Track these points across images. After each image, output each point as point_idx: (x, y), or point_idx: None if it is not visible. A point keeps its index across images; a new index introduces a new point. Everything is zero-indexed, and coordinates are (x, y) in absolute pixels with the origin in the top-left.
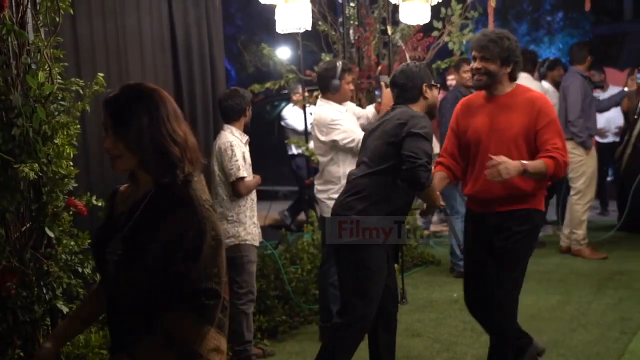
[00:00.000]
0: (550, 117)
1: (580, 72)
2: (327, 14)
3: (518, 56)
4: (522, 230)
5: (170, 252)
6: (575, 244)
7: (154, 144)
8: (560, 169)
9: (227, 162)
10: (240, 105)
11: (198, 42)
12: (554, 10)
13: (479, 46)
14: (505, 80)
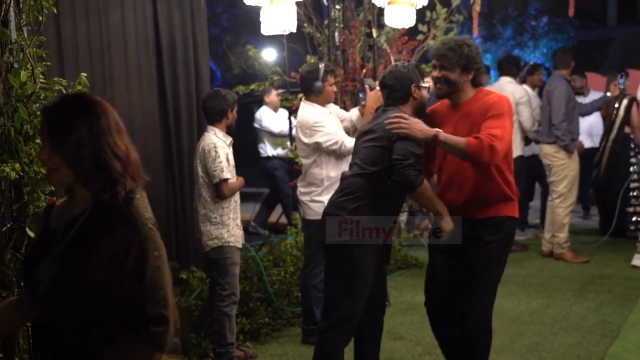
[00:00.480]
0: (499, 111)
1: (565, 77)
2: (312, 16)
3: (479, 63)
4: (494, 239)
5: (110, 275)
6: (557, 247)
7: (93, 157)
8: (483, 152)
9: (210, 164)
10: (220, 106)
11: (182, 42)
12: (539, 15)
13: (438, 55)
14: (467, 87)
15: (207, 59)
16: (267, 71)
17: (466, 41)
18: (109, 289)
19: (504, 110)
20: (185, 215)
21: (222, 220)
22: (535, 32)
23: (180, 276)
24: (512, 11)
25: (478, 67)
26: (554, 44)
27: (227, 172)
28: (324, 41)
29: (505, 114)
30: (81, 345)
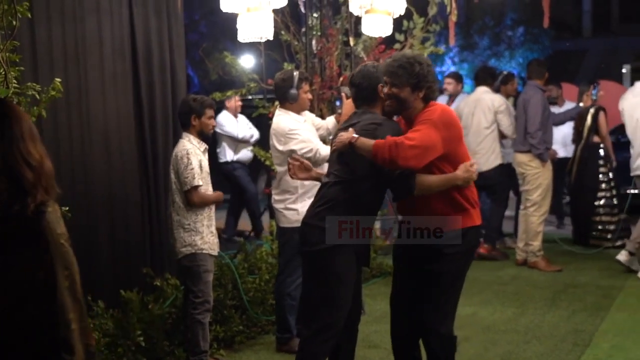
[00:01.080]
0: (426, 118)
1: (540, 87)
2: (290, 24)
3: (430, 81)
4: (453, 252)
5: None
6: (531, 255)
7: (4, 166)
8: (384, 150)
9: (182, 170)
10: (187, 113)
11: (159, 48)
12: (515, 25)
13: (388, 72)
14: (418, 104)
15: (184, 65)
16: (244, 78)
17: (418, 59)
18: (15, 311)
19: (431, 117)
20: (160, 221)
21: (196, 227)
22: (512, 42)
23: (154, 283)
24: (489, 21)
25: (429, 85)
26: (530, 54)
27: (198, 180)
28: (301, 49)
29: (431, 121)
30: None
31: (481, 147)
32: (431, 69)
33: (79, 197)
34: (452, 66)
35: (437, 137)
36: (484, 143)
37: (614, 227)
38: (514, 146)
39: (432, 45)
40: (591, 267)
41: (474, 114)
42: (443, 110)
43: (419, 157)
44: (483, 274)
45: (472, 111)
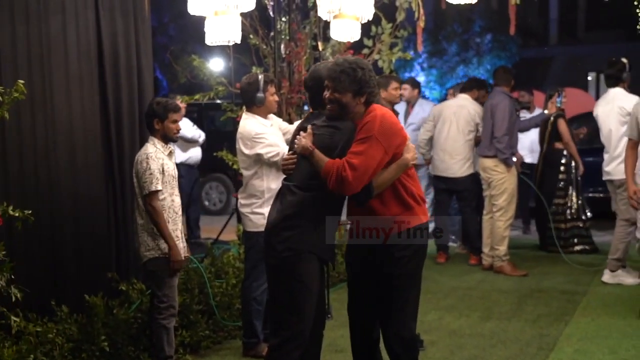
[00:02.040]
0: (366, 134)
1: (507, 93)
2: (258, 28)
3: (372, 86)
4: (405, 254)
5: None
6: (497, 260)
7: None
8: (330, 180)
9: (141, 175)
10: (150, 116)
11: (125, 51)
12: (483, 32)
13: (330, 77)
14: (360, 109)
15: (151, 67)
16: (212, 81)
17: (360, 64)
18: None
19: (371, 133)
20: (126, 225)
21: None
22: (480, 49)
23: (119, 288)
24: (457, 28)
25: (371, 90)
26: (497, 61)
27: (156, 185)
28: (269, 53)
29: (372, 136)
30: None
31: (458, 153)
32: (372, 74)
33: (43, 200)
34: (421, 72)
35: (379, 152)
36: (461, 149)
37: (568, 235)
38: (479, 151)
39: (400, 51)
40: (556, 272)
41: (456, 120)
42: (382, 119)
43: (364, 180)
44: (449, 279)
45: (453, 117)
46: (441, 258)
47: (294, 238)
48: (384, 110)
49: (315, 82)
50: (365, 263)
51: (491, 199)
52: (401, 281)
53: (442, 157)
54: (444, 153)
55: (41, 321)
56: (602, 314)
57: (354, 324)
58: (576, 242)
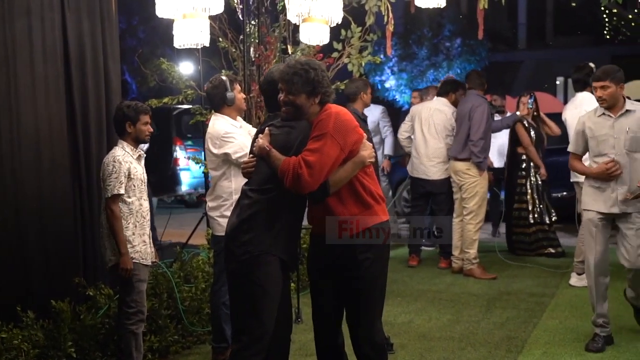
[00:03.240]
0: (321, 131)
1: (483, 97)
2: (227, 31)
3: (325, 86)
4: (368, 256)
5: None
6: (467, 263)
7: None
8: (287, 178)
9: (106, 177)
10: (121, 120)
11: (92, 53)
12: (453, 36)
13: (283, 79)
14: (314, 109)
15: (119, 70)
16: (181, 85)
17: (313, 65)
18: None
19: (326, 130)
20: (93, 230)
21: (126, 235)
22: (450, 53)
23: (87, 293)
24: (427, 32)
25: (325, 90)
26: (467, 65)
27: (119, 189)
28: (239, 56)
29: (327, 133)
30: None
31: (436, 156)
32: (325, 74)
33: (8, 204)
34: (392, 75)
35: (335, 149)
36: (438, 152)
37: (533, 238)
38: (451, 153)
39: (370, 55)
40: (524, 275)
41: (434, 124)
42: (337, 117)
43: (320, 178)
44: (419, 282)
45: (430, 120)
46: (413, 261)
47: (252, 241)
48: (338, 108)
49: (269, 86)
50: (327, 267)
51: (462, 202)
52: (366, 284)
53: (421, 159)
54: (421, 156)
55: (6, 327)
56: (570, 316)
57: (319, 329)
58: (543, 245)
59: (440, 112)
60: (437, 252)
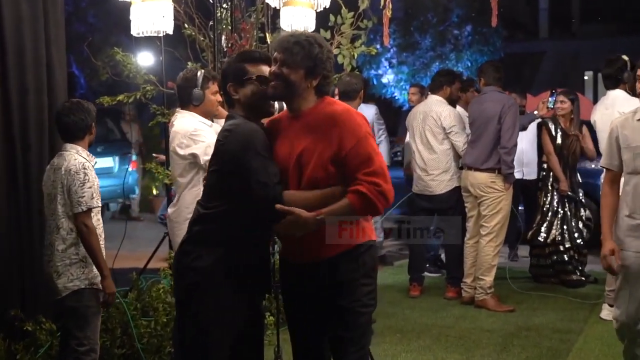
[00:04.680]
0: (358, 136)
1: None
2: (195, 16)
3: (328, 70)
4: (353, 277)
5: None
6: (481, 292)
7: None
8: (372, 204)
9: (77, 188)
10: (85, 120)
11: (33, 41)
12: (462, 23)
13: (281, 47)
14: (309, 95)
15: (64, 61)
16: (139, 79)
17: (320, 40)
18: None
19: (362, 133)
20: (33, 253)
21: (86, 258)
22: (458, 42)
23: (24, 328)
24: (432, 17)
25: (326, 74)
26: (479, 56)
27: (97, 200)
28: (208, 46)
29: (364, 135)
30: None
31: (433, 168)
32: (331, 57)
33: None
34: (390, 69)
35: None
36: (435, 162)
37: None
38: (469, 162)
39: (364, 45)
40: (547, 307)
41: (423, 130)
42: (358, 115)
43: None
44: (422, 315)
45: (420, 126)
46: (415, 290)
47: (197, 264)
48: (345, 105)
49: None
50: (307, 296)
51: (479, 220)
52: (354, 313)
53: (419, 173)
54: (418, 169)
55: None
56: (601, 355)
57: None
58: (566, 270)
59: (427, 115)
60: (444, 278)
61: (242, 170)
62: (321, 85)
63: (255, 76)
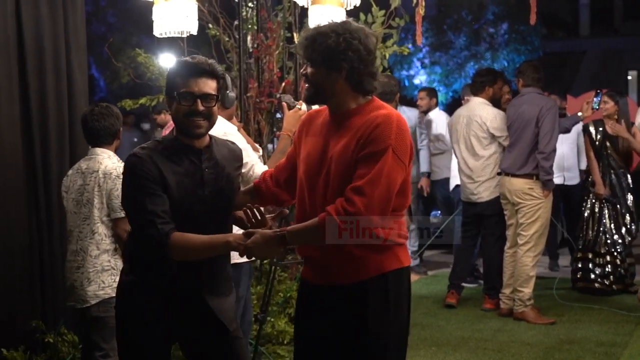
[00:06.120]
0: (379, 147)
1: (548, 97)
2: (219, 16)
3: (354, 60)
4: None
5: None
6: (520, 305)
7: None
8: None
9: (119, 193)
10: (115, 126)
11: (52, 44)
12: (498, 20)
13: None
14: (344, 93)
15: (85, 65)
16: (162, 82)
17: (336, 28)
18: None
19: (385, 145)
20: (54, 261)
21: (116, 265)
22: (494, 41)
23: (45, 340)
24: (466, 15)
25: (353, 65)
26: (516, 56)
27: None
28: (233, 46)
29: (386, 147)
30: None
31: (479, 175)
32: (357, 46)
33: None
34: (422, 69)
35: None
36: (480, 169)
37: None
38: (506, 168)
39: (396, 44)
40: (590, 320)
41: (468, 134)
42: (399, 125)
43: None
44: (458, 327)
45: (463, 131)
46: (452, 298)
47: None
48: (395, 111)
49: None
50: (324, 325)
51: (518, 229)
52: (379, 349)
53: (464, 180)
54: (463, 175)
55: None
56: None
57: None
58: (614, 280)
59: (471, 119)
60: (481, 289)
61: None
62: (354, 81)
63: (180, 91)
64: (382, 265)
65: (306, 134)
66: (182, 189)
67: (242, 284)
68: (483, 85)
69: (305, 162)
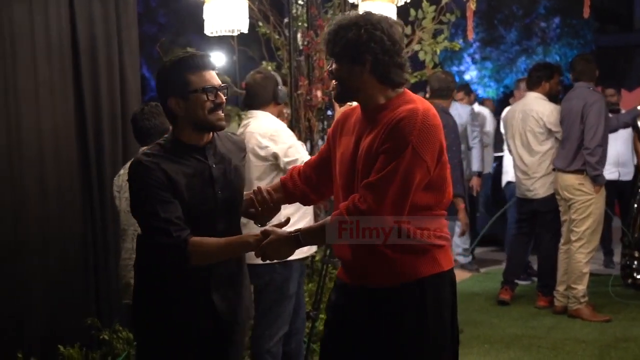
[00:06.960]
0: (399, 142)
1: (598, 91)
2: (269, 14)
3: (377, 51)
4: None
5: None
6: (574, 302)
7: None
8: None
9: None
10: (164, 124)
11: (105, 44)
12: (550, 15)
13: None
14: (372, 88)
15: (137, 64)
16: None
17: (358, 20)
18: None
19: (405, 141)
20: (108, 259)
21: None
22: (546, 35)
23: (101, 337)
24: (517, 10)
25: (378, 57)
26: (568, 50)
27: None
28: (283, 44)
29: (406, 144)
30: None
31: (534, 171)
32: (380, 36)
33: (6, 230)
34: (473, 65)
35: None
36: (536, 164)
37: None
38: (555, 164)
39: (447, 40)
40: None
41: (523, 129)
42: (425, 118)
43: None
44: (511, 324)
45: (519, 126)
46: (505, 294)
47: None
48: (426, 103)
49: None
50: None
51: (570, 225)
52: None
53: (519, 176)
54: (518, 172)
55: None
56: None
57: None
58: None
59: (527, 114)
60: (535, 287)
61: None
62: (380, 73)
63: (201, 87)
64: (418, 270)
65: (340, 133)
66: (192, 189)
67: (291, 282)
68: (539, 80)
69: (340, 162)
